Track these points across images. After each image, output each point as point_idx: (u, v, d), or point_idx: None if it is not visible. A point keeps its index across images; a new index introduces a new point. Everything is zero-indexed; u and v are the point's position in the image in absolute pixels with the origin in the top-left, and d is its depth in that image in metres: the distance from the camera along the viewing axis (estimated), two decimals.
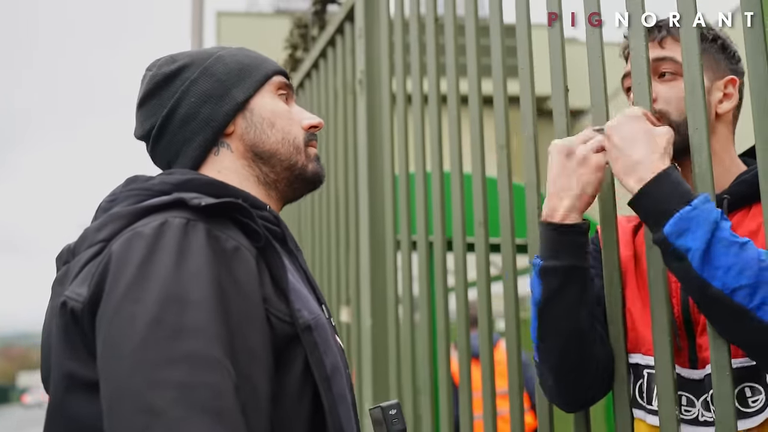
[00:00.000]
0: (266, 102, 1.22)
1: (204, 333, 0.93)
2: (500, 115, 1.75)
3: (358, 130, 2.64)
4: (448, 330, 2.04)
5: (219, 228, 1.02)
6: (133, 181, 1.14)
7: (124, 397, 0.90)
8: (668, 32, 1.40)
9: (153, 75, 1.23)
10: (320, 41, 3.10)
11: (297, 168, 1.22)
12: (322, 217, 3.06)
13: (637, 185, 1.21)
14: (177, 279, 0.95)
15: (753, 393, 1.25)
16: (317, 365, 1.05)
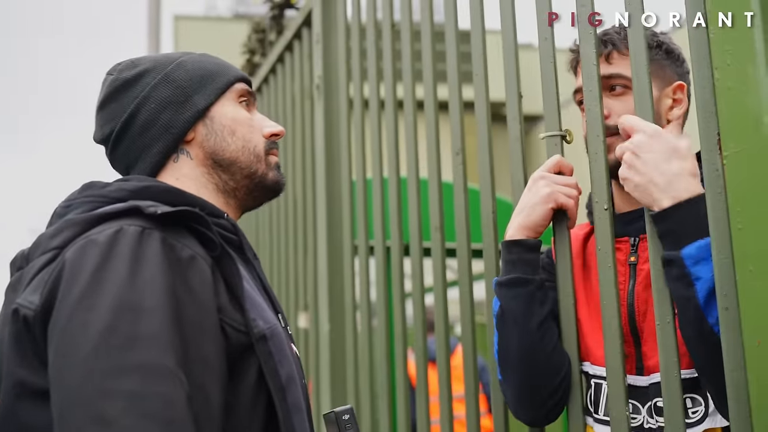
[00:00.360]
0: (227, 110, 1.21)
1: (157, 342, 0.92)
2: (456, 120, 1.76)
3: (315, 136, 2.64)
4: (405, 335, 2.04)
5: (174, 237, 1.02)
6: (89, 188, 1.13)
7: (76, 406, 0.89)
8: (614, 46, 1.42)
9: (114, 79, 1.21)
10: (278, 46, 3.09)
11: (257, 176, 1.21)
12: (279, 223, 3.05)
13: (669, 202, 1.19)
14: (131, 287, 0.94)
15: (693, 404, 1.27)
16: (271, 375, 1.05)
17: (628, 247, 1.41)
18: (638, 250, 1.39)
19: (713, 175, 1.10)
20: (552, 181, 1.40)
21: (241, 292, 1.06)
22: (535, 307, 1.38)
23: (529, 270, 1.40)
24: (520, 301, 1.39)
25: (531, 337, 1.37)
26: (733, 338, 1.06)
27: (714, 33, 1.09)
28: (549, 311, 1.40)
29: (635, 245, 1.40)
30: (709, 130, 1.11)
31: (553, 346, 1.38)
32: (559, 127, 1.44)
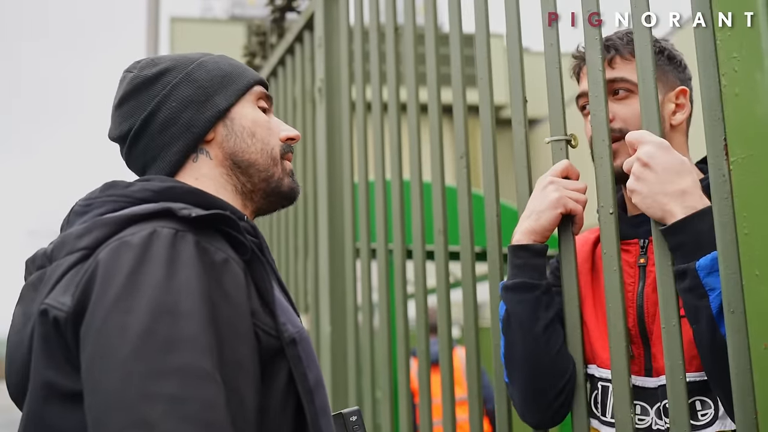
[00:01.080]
0: (247, 111, 1.21)
1: (195, 345, 0.92)
2: (459, 125, 1.77)
3: (317, 138, 2.64)
4: (407, 337, 2.05)
5: (207, 240, 1.01)
6: (111, 187, 1.12)
7: (115, 409, 0.88)
8: (616, 51, 1.43)
9: (134, 77, 1.20)
10: (279, 49, 3.10)
11: (273, 180, 1.21)
12: (281, 225, 3.05)
13: (683, 212, 1.19)
14: (167, 290, 0.93)
15: (703, 407, 1.28)
16: (301, 378, 1.05)
17: (637, 249, 1.42)
18: (647, 252, 1.40)
19: (720, 181, 1.11)
20: (561, 186, 1.41)
21: (271, 297, 1.06)
22: (540, 311, 1.40)
23: (536, 275, 1.42)
24: (525, 305, 1.41)
25: (536, 341, 1.39)
26: (739, 341, 1.08)
27: (721, 39, 1.11)
28: (554, 315, 1.42)
29: (644, 247, 1.41)
30: (715, 135, 1.12)
31: (558, 349, 1.40)
32: (565, 132, 1.45)
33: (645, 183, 1.23)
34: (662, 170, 1.22)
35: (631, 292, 1.39)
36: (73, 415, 0.95)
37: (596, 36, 1.36)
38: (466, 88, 1.79)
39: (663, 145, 1.23)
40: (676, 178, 1.21)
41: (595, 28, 1.36)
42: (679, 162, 1.22)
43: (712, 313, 1.15)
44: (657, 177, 1.22)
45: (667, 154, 1.23)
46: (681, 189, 1.21)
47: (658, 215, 1.22)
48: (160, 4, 6.74)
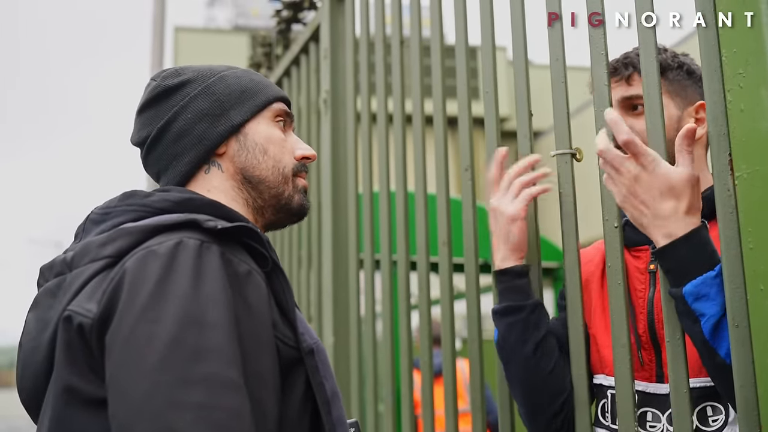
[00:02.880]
0: (261, 128, 1.22)
1: (222, 355, 0.93)
2: (465, 138, 1.78)
3: (322, 149, 2.65)
4: (411, 349, 2.05)
5: (231, 251, 1.02)
6: (130, 196, 1.13)
7: (143, 418, 0.89)
8: (634, 68, 1.44)
9: (156, 85, 1.23)
10: (284, 60, 3.11)
11: (283, 197, 1.22)
12: (285, 235, 3.06)
13: (663, 240, 1.19)
14: (194, 301, 0.94)
15: (714, 412, 1.28)
16: (318, 389, 1.06)
17: (647, 255, 1.42)
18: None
19: (725, 196, 1.12)
20: (506, 198, 1.48)
21: (291, 308, 1.07)
22: (528, 332, 1.44)
23: (521, 296, 1.46)
24: (513, 328, 1.46)
25: (527, 362, 1.44)
26: (744, 355, 1.08)
27: (726, 56, 1.12)
28: (545, 334, 1.45)
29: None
30: (720, 150, 1.13)
31: (551, 369, 1.43)
32: (570, 146, 1.46)
33: (634, 211, 1.23)
34: (644, 194, 1.20)
35: (641, 299, 1.40)
36: (96, 420, 0.96)
37: (602, 51, 1.37)
38: (471, 100, 1.80)
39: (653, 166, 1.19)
40: (657, 204, 1.19)
41: (601, 42, 1.37)
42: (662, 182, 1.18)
43: (705, 337, 1.15)
44: (642, 205, 1.21)
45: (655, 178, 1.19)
46: (661, 216, 1.19)
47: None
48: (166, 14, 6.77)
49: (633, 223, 1.25)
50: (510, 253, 1.49)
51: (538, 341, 1.43)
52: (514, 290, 1.46)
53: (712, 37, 1.15)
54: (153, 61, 6.75)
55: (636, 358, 1.38)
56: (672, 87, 1.43)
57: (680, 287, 1.17)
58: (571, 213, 1.44)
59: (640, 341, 1.38)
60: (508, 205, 1.48)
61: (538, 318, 1.45)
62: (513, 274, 1.47)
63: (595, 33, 1.37)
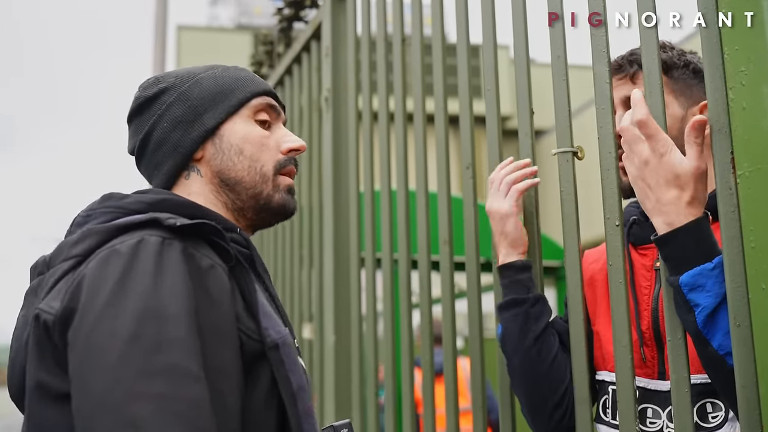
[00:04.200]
0: (238, 128, 1.21)
1: (182, 346, 0.95)
2: (466, 136, 1.77)
3: (323, 147, 2.65)
4: (411, 347, 2.05)
5: (194, 247, 1.04)
6: (108, 198, 1.15)
7: (105, 411, 0.90)
8: (640, 66, 1.43)
9: (137, 96, 1.25)
10: (286, 58, 3.11)
11: (262, 198, 1.21)
12: (285, 234, 3.06)
13: (665, 228, 1.19)
14: (154, 295, 0.96)
15: (714, 409, 1.28)
16: (283, 382, 1.07)
17: (654, 252, 1.42)
18: None
19: (726, 194, 1.11)
20: (497, 198, 1.53)
21: (255, 302, 1.08)
22: (529, 324, 1.47)
23: (523, 290, 1.50)
24: (515, 320, 1.48)
25: (527, 352, 1.46)
26: (745, 355, 1.08)
27: (728, 53, 1.11)
28: (545, 326, 1.48)
29: None
30: (722, 149, 1.13)
31: (552, 359, 1.45)
32: (571, 144, 1.45)
33: (639, 195, 1.24)
34: (651, 181, 1.21)
35: (646, 295, 1.40)
36: (64, 414, 0.98)
37: (603, 49, 1.36)
38: (472, 99, 1.80)
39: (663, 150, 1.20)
40: (661, 191, 1.20)
41: (603, 41, 1.36)
42: (668, 171, 1.19)
43: (698, 327, 1.15)
44: (648, 190, 1.22)
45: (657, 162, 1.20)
46: (663, 203, 1.20)
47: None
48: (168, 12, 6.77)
49: (640, 204, 1.26)
50: (510, 249, 1.53)
51: (538, 333, 1.46)
52: (516, 284, 1.50)
53: (714, 35, 1.15)
54: (155, 59, 6.75)
55: (638, 355, 1.38)
56: (677, 86, 1.42)
57: (678, 276, 1.17)
58: (572, 211, 1.43)
59: (643, 338, 1.38)
60: (501, 203, 1.53)
61: (539, 311, 1.48)
62: (515, 269, 1.51)
63: (596, 31, 1.37)
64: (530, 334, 1.45)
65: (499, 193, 1.53)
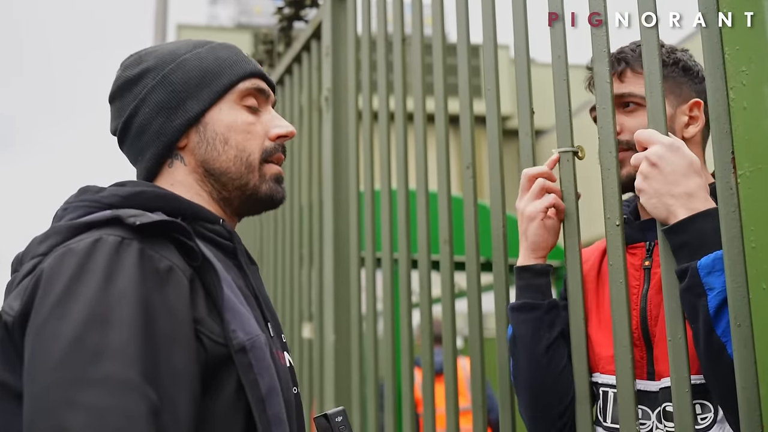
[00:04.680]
0: (223, 115, 1.16)
1: (124, 355, 0.91)
2: (466, 136, 1.77)
3: (323, 146, 2.65)
4: (411, 347, 2.05)
5: (154, 247, 0.99)
6: (84, 192, 1.12)
7: (41, 415, 0.89)
8: (627, 64, 1.44)
9: (119, 76, 1.20)
10: (286, 57, 3.11)
11: (248, 188, 1.17)
12: (285, 233, 3.06)
13: (686, 213, 1.20)
14: (102, 299, 0.93)
15: (703, 410, 1.28)
16: (251, 386, 1.02)
17: (643, 252, 1.43)
18: (653, 255, 1.41)
19: (727, 194, 1.11)
20: (527, 198, 1.47)
21: (221, 303, 1.03)
22: (542, 331, 1.44)
23: (539, 295, 1.46)
24: (528, 325, 1.45)
25: (538, 361, 1.43)
26: (746, 355, 1.07)
27: (729, 53, 1.11)
28: (558, 334, 1.44)
29: (650, 249, 1.42)
30: (723, 148, 1.12)
31: (561, 368, 1.42)
32: (572, 143, 1.45)
33: (651, 182, 1.23)
34: (669, 171, 1.22)
35: (635, 295, 1.40)
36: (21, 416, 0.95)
37: (603, 48, 1.36)
38: (473, 99, 1.80)
39: (673, 145, 1.23)
40: (683, 180, 1.22)
41: (603, 41, 1.36)
42: (687, 164, 1.22)
43: (708, 312, 1.15)
44: (664, 178, 1.22)
45: (675, 155, 1.23)
46: (687, 191, 1.21)
47: (662, 216, 1.23)
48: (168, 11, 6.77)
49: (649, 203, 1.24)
50: (529, 252, 1.48)
51: (550, 341, 1.43)
52: (533, 288, 1.46)
53: (715, 35, 1.15)
54: None
55: None
56: (666, 84, 1.42)
57: (694, 260, 1.17)
58: (573, 211, 1.43)
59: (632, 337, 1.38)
60: (528, 204, 1.47)
61: (553, 318, 1.45)
62: (533, 273, 1.47)
63: (597, 31, 1.37)
64: (542, 341, 1.43)
65: (530, 194, 1.47)
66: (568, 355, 1.43)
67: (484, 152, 1.71)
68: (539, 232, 1.45)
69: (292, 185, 3.00)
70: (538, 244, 1.46)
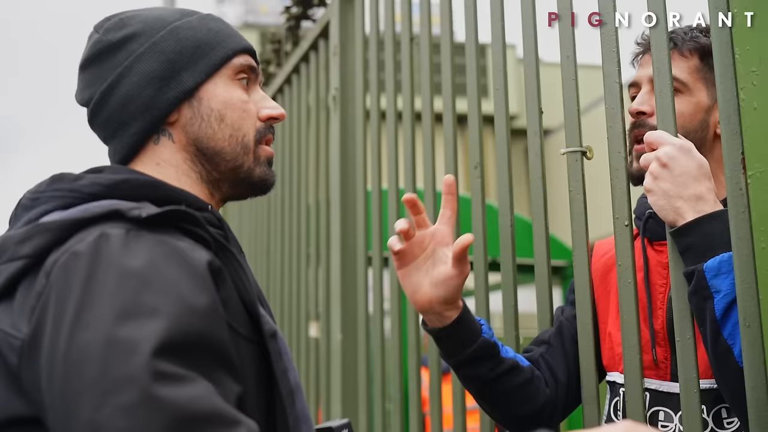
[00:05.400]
0: (219, 90, 1.07)
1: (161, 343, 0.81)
2: (474, 136, 1.77)
3: (330, 145, 2.65)
4: (419, 346, 2.05)
5: (165, 237, 0.91)
6: (58, 180, 1.00)
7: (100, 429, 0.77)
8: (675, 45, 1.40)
9: (98, 40, 1.07)
10: (294, 57, 3.11)
11: (242, 170, 1.09)
12: (292, 232, 3.06)
13: (693, 216, 1.19)
14: (124, 292, 0.84)
15: (729, 414, 1.27)
16: (282, 377, 0.95)
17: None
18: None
19: (737, 194, 1.11)
20: None
21: (248, 291, 0.96)
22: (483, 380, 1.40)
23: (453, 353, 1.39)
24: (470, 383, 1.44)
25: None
26: (755, 356, 1.07)
27: (739, 53, 1.11)
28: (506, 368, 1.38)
29: None
30: (733, 149, 1.12)
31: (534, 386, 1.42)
32: (580, 143, 1.45)
33: (660, 183, 1.22)
34: (679, 173, 1.21)
35: (662, 293, 1.38)
36: None
37: (613, 48, 1.36)
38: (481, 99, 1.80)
39: (684, 147, 1.22)
40: (693, 183, 1.20)
41: (613, 40, 1.36)
42: (697, 166, 1.21)
43: (715, 315, 1.14)
44: (674, 179, 1.21)
45: (686, 156, 1.22)
46: (696, 194, 1.20)
47: (670, 217, 1.22)
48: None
49: (657, 204, 1.22)
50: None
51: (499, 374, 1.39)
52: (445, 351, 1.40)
53: (725, 35, 1.14)
54: None
55: (650, 356, 1.36)
56: (711, 74, 1.37)
57: (700, 263, 1.16)
58: (581, 211, 1.43)
59: (656, 338, 1.37)
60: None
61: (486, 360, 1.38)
62: (434, 336, 1.39)
63: (606, 31, 1.37)
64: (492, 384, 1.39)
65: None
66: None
67: (493, 152, 1.71)
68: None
69: (299, 184, 3.00)
70: (409, 296, 1.33)
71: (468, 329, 1.34)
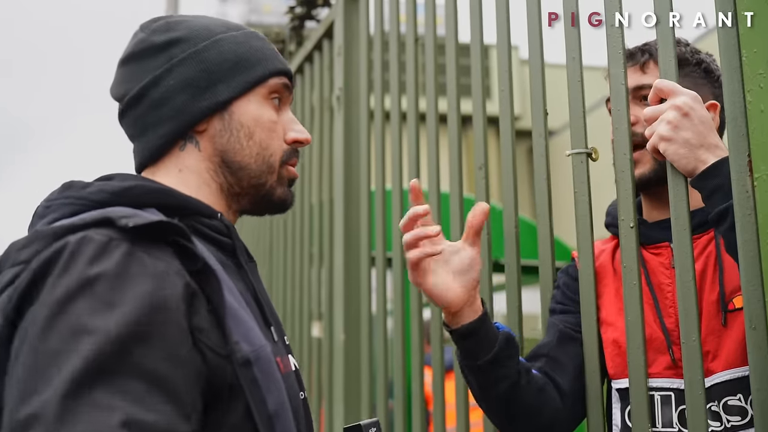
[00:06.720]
0: (251, 107, 1.10)
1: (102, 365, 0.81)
2: (479, 137, 1.77)
3: (334, 146, 2.66)
4: (422, 346, 2.05)
5: (147, 250, 0.90)
6: (68, 188, 1.02)
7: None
8: (650, 56, 1.44)
9: (143, 39, 1.10)
10: (298, 57, 3.12)
11: (264, 188, 1.11)
12: (295, 232, 3.06)
13: (715, 159, 1.21)
14: (82, 307, 0.84)
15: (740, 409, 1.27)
16: (257, 405, 0.94)
17: (669, 251, 1.41)
18: None
19: (743, 197, 1.11)
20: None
21: (223, 312, 0.94)
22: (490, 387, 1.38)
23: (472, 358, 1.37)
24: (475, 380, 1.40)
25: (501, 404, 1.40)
26: (761, 358, 1.07)
27: (746, 56, 1.11)
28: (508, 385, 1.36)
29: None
30: (739, 151, 1.12)
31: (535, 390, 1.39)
32: (585, 145, 1.45)
33: (682, 132, 1.23)
34: (700, 122, 1.23)
35: (670, 293, 1.38)
36: None
37: (619, 50, 1.36)
38: (485, 99, 1.80)
39: (698, 98, 1.25)
40: (711, 132, 1.23)
41: (619, 42, 1.36)
42: (710, 117, 1.25)
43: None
44: (695, 127, 1.22)
45: (702, 107, 1.25)
46: (714, 143, 1.23)
47: (690, 166, 1.22)
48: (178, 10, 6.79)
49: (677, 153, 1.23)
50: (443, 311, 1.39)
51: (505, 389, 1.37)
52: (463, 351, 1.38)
53: (732, 37, 1.15)
54: None
55: (667, 357, 1.36)
56: (685, 82, 1.39)
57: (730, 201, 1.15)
58: (586, 213, 1.43)
59: (670, 338, 1.36)
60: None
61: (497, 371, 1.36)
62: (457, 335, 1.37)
63: (612, 32, 1.37)
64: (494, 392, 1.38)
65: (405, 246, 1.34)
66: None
67: (497, 153, 1.71)
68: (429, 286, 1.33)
69: (303, 184, 3.01)
70: (441, 298, 1.32)
71: (491, 324, 1.37)
